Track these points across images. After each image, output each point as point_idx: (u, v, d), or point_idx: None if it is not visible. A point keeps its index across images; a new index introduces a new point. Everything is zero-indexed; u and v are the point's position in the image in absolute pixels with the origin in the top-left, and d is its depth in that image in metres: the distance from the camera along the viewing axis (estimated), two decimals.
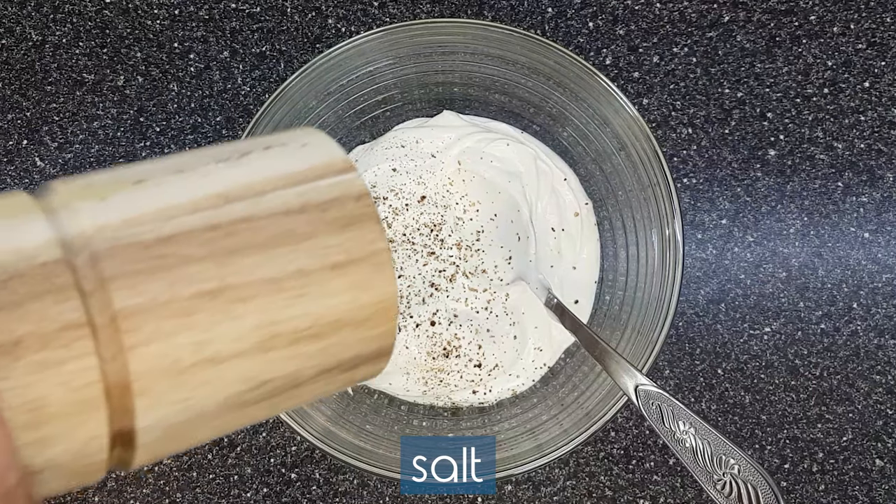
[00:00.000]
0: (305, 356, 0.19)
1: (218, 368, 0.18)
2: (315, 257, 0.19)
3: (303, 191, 0.19)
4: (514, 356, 0.44)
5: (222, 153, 0.20)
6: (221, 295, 0.18)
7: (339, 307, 0.19)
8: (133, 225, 0.17)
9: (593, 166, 0.45)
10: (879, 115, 0.49)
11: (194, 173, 0.19)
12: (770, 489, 0.30)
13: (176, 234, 0.17)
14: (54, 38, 0.51)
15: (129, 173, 0.19)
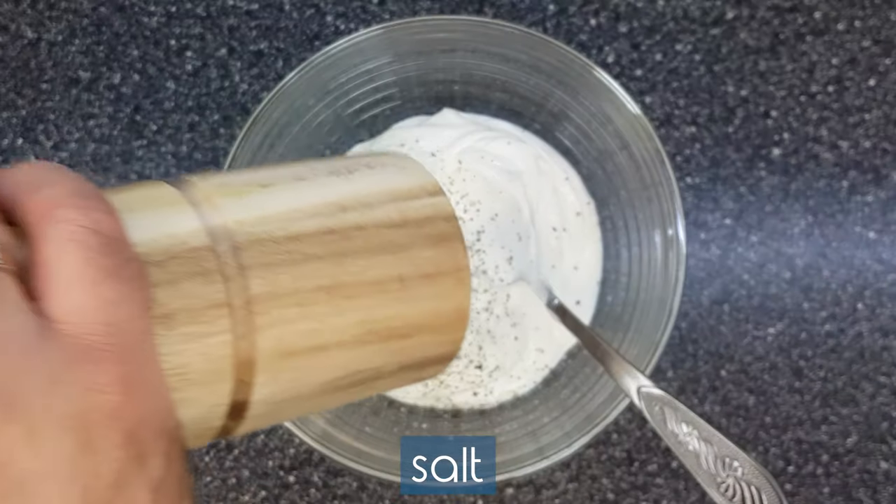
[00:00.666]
0: (391, 352, 0.22)
1: (323, 355, 0.20)
2: (412, 266, 0.22)
3: (403, 207, 0.22)
4: (516, 357, 0.44)
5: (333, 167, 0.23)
6: (335, 291, 0.20)
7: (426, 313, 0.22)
8: (266, 222, 0.19)
9: (595, 165, 0.45)
10: (885, 113, 0.48)
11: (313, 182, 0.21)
12: (774, 492, 0.29)
13: (301, 234, 0.20)
14: (49, 35, 0.51)
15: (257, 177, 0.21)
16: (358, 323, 0.20)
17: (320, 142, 0.45)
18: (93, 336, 0.16)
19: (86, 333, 0.16)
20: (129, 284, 0.16)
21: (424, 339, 0.22)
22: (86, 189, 0.17)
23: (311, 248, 0.20)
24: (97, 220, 0.17)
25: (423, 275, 0.22)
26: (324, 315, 0.20)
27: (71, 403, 0.15)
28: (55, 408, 0.15)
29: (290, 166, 0.22)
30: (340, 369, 0.21)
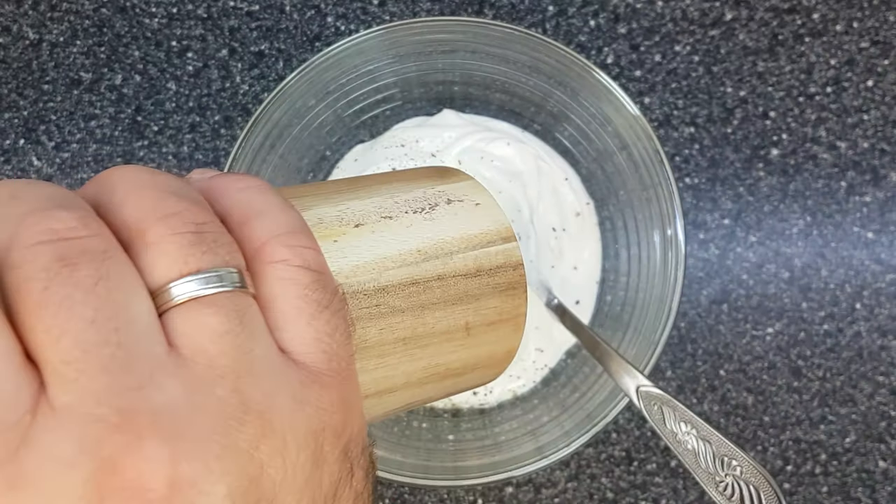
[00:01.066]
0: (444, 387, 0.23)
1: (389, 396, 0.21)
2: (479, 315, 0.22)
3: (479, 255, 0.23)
4: (515, 357, 0.44)
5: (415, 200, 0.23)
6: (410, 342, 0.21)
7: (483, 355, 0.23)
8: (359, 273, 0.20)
9: (594, 166, 0.45)
10: (883, 114, 0.49)
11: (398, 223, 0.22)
12: (772, 491, 0.29)
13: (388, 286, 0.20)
14: (51, 36, 0.51)
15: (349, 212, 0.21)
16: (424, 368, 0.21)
17: (321, 142, 0.45)
18: (317, 364, 0.17)
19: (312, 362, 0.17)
20: (338, 315, 0.18)
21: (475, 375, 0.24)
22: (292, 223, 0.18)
23: (395, 300, 0.20)
24: (306, 257, 0.18)
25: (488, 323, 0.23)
26: (398, 364, 0.20)
27: (309, 422, 0.16)
28: (299, 425, 0.16)
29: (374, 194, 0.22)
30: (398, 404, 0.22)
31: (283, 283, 0.17)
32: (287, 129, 0.42)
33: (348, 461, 0.17)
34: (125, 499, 0.14)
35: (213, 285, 0.16)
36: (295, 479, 0.16)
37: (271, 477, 0.15)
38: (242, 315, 0.16)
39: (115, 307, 0.15)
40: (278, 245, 0.18)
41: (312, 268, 0.18)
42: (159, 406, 0.14)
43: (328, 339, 0.17)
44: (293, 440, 0.16)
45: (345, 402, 0.17)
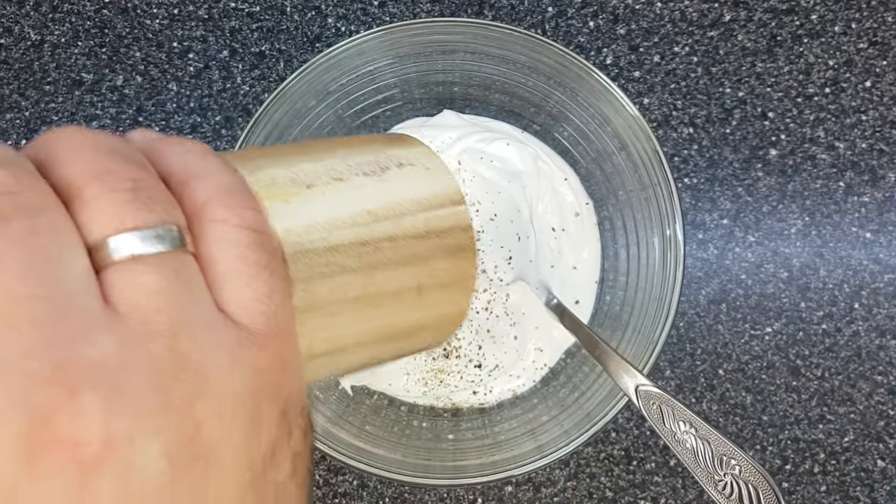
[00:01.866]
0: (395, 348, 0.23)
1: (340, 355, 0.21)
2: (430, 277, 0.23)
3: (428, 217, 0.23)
4: (515, 357, 0.44)
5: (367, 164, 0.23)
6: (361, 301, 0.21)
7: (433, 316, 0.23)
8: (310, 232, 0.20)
9: (594, 166, 0.45)
10: (881, 114, 0.49)
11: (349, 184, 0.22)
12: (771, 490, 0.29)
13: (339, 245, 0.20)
14: (53, 37, 0.51)
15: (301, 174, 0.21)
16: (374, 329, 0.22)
17: None
18: (255, 325, 0.17)
19: (250, 322, 0.17)
20: (277, 276, 0.18)
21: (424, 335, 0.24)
22: (232, 184, 0.18)
23: (346, 260, 0.20)
24: (245, 217, 0.18)
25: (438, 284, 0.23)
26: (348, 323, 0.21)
27: (246, 381, 0.16)
28: (236, 384, 0.16)
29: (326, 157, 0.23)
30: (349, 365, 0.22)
31: (222, 244, 0.17)
32: (288, 129, 0.42)
33: (286, 421, 0.17)
34: (57, 454, 0.14)
35: (151, 243, 0.16)
36: (231, 437, 0.16)
37: (207, 435, 0.15)
38: (180, 273, 0.16)
39: (47, 261, 0.14)
40: (217, 206, 0.18)
41: (252, 228, 0.18)
42: (93, 360, 0.14)
43: (266, 300, 0.17)
44: (230, 399, 0.16)
45: (283, 362, 0.18)
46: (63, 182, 0.16)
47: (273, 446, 0.17)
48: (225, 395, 0.16)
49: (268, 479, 0.17)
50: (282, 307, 0.18)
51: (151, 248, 0.16)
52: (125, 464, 0.14)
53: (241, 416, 0.16)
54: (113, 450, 0.14)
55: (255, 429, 0.16)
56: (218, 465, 0.16)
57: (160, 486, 0.15)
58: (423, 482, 0.38)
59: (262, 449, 0.17)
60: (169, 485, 0.15)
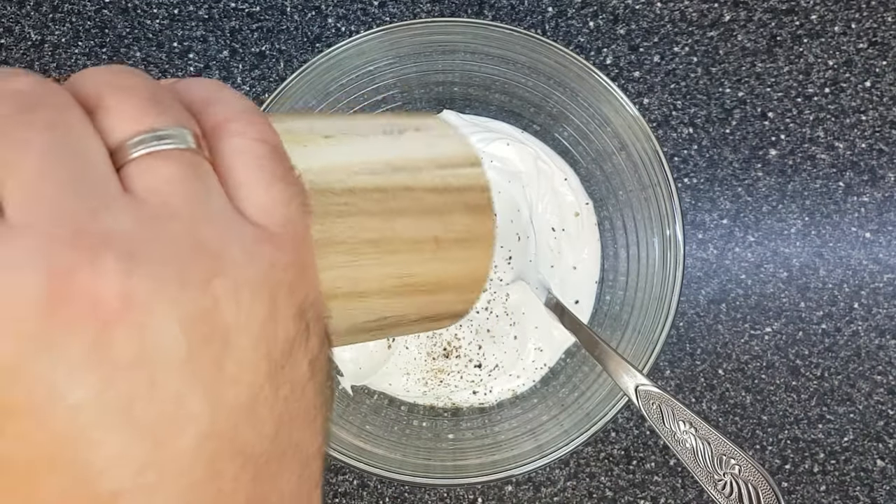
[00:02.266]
0: (417, 304, 0.24)
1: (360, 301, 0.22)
2: (448, 230, 0.23)
3: (446, 174, 0.24)
4: (515, 356, 0.44)
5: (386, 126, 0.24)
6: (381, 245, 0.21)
7: (453, 273, 0.24)
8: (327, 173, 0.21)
9: (594, 166, 0.45)
10: (881, 114, 0.49)
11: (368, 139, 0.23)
12: (771, 489, 0.29)
13: (356, 188, 0.21)
14: (53, 37, 0.51)
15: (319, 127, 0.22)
16: (395, 276, 0.22)
17: None
18: (273, 227, 0.18)
19: (267, 223, 0.17)
20: (295, 187, 0.18)
21: (447, 296, 0.24)
22: (250, 106, 0.19)
23: (364, 202, 0.21)
24: (263, 133, 0.19)
25: (457, 239, 0.24)
26: (367, 266, 0.21)
27: (263, 273, 0.17)
28: (253, 274, 0.16)
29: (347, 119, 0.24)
30: (371, 314, 0.23)
31: (241, 154, 0.18)
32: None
33: (304, 321, 0.18)
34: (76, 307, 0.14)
35: (168, 141, 0.17)
36: (249, 323, 0.16)
37: (224, 315, 0.16)
38: (197, 169, 0.17)
39: (69, 146, 0.15)
40: (236, 121, 0.18)
41: (269, 142, 0.19)
42: (113, 230, 0.15)
43: (284, 206, 0.18)
44: (247, 285, 0.16)
45: (299, 264, 0.18)
46: (87, 94, 0.17)
47: (291, 343, 0.17)
48: (242, 281, 0.16)
49: (285, 375, 0.17)
50: (299, 216, 0.18)
51: (168, 145, 0.17)
52: (143, 325, 0.15)
53: (258, 303, 0.16)
54: (131, 309, 0.14)
55: (271, 320, 0.17)
56: (235, 349, 0.16)
57: (178, 359, 0.15)
58: (423, 482, 0.38)
59: (279, 343, 0.17)
60: (186, 359, 0.15)
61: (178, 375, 0.15)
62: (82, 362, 0.14)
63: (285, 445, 0.17)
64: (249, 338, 0.16)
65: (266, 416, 0.17)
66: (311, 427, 0.18)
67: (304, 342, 0.18)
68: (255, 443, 0.16)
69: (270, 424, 0.17)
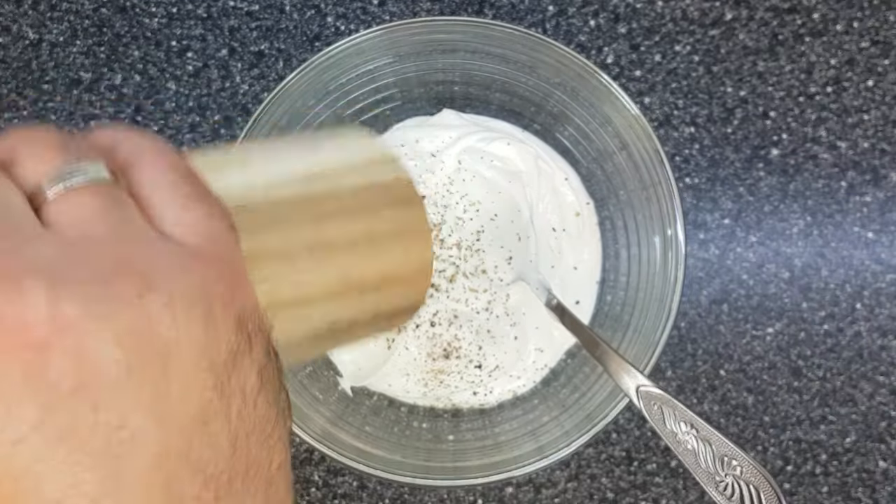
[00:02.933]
0: (366, 303, 0.24)
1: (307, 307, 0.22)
2: (379, 225, 0.24)
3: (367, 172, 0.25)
4: (515, 357, 0.44)
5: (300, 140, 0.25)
6: (315, 250, 0.22)
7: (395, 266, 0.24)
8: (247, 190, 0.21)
9: (594, 166, 0.45)
10: (883, 113, 0.49)
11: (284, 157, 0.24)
12: (772, 491, 0.29)
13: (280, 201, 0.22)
14: (51, 36, 0.51)
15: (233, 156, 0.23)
16: (337, 277, 0.23)
17: None
18: (197, 244, 0.17)
19: (193, 243, 0.17)
20: (214, 206, 0.19)
21: (394, 290, 0.25)
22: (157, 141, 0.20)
23: (291, 213, 0.22)
24: (173, 161, 0.19)
25: (391, 232, 0.24)
26: (308, 270, 0.22)
27: (195, 285, 0.16)
28: (185, 287, 0.16)
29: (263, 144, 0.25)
30: (322, 319, 0.23)
31: (154, 182, 0.18)
32: (287, 128, 0.42)
33: (244, 332, 0.17)
34: (5, 340, 0.14)
35: (82, 176, 0.17)
36: (188, 337, 0.16)
37: (161, 329, 0.15)
38: (115, 197, 0.17)
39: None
40: (146, 155, 0.19)
41: (181, 168, 0.19)
42: (34, 257, 0.15)
43: (207, 222, 0.18)
44: (180, 298, 0.16)
45: (230, 276, 0.18)
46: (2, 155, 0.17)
47: (234, 352, 0.17)
48: (175, 294, 0.16)
49: (233, 387, 0.17)
50: (222, 231, 0.18)
51: (82, 179, 0.17)
52: (77, 348, 0.14)
53: (194, 316, 0.16)
54: (62, 332, 0.14)
55: (211, 331, 0.16)
56: (177, 363, 0.15)
57: (118, 379, 0.15)
58: (423, 483, 0.38)
59: (221, 353, 0.16)
60: (127, 378, 0.15)
61: (120, 396, 0.15)
62: (19, 393, 0.14)
63: (246, 462, 0.17)
64: (190, 351, 0.16)
65: (220, 431, 0.16)
66: (269, 441, 0.18)
67: (248, 352, 0.17)
68: (212, 460, 0.16)
69: (226, 439, 0.16)
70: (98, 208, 0.16)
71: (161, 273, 0.16)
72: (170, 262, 0.16)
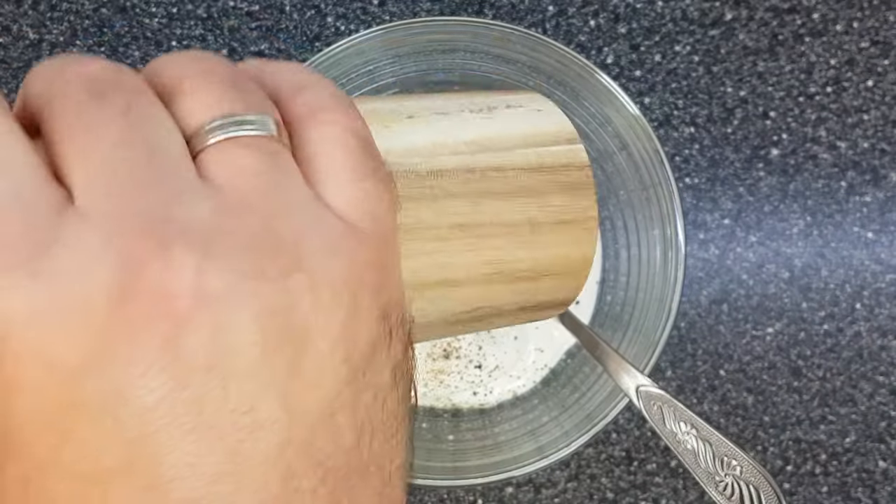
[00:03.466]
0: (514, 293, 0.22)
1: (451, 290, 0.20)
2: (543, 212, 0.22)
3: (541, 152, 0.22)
4: (515, 357, 0.44)
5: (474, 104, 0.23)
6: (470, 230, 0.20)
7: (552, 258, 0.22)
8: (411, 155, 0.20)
9: (594, 166, 0.44)
10: (883, 113, 0.49)
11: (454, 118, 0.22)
12: (772, 491, 0.29)
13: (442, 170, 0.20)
14: (51, 36, 0.51)
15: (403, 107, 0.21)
16: (488, 262, 0.21)
17: None
18: (359, 221, 0.16)
19: (353, 218, 0.16)
20: (385, 183, 0.17)
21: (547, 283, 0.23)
22: (342, 95, 0.18)
23: (450, 185, 0.20)
24: (355, 124, 0.18)
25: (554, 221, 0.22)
26: (458, 251, 0.20)
27: (344, 270, 0.16)
28: (333, 270, 0.15)
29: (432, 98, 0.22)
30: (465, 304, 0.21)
31: (330, 144, 0.17)
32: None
33: (387, 324, 0.16)
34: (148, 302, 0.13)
35: (248, 127, 0.16)
36: (328, 324, 0.15)
37: (302, 315, 0.15)
38: (276, 158, 0.16)
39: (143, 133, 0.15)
40: (328, 110, 0.17)
41: (361, 135, 0.17)
42: (187, 221, 0.14)
43: (372, 203, 0.17)
44: (326, 283, 0.15)
45: (384, 263, 0.17)
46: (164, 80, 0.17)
47: (373, 346, 0.16)
48: (321, 279, 0.15)
49: (366, 382, 0.16)
50: (388, 213, 0.17)
51: (248, 131, 0.16)
52: (216, 324, 0.14)
53: (337, 303, 0.15)
54: (204, 306, 0.14)
55: (352, 321, 0.15)
56: (313, 351, 0.15)
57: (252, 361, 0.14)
58: (423, 483, 0.38)
59: (360, 345, 0.16)
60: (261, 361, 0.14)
61: (252, 378, 0.14)
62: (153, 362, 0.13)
63: (367, 459, 0.16)
64: (328, 339, 0.15)
65: (345, 426, 0.15)
66: (393, 440, 0.17)
67: (387, 347, 0.16)
68: (334, 454, 0.15)
69: (350, 435, 0.16)
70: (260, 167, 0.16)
71: (313, 252, 0.15)
72: (323, 240, 0.16)
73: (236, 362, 0.14)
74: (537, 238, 0.22)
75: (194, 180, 0.15)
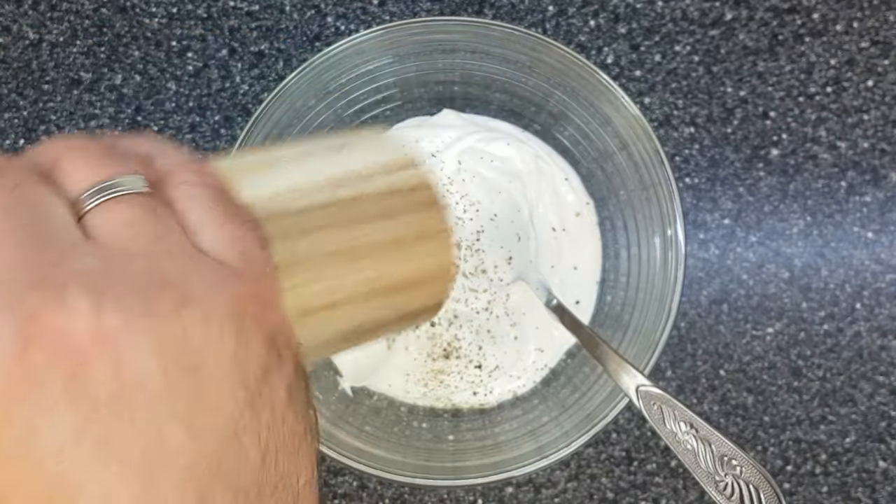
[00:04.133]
0: (392, 305, 0.25)
1: (334, 312, 0.22)
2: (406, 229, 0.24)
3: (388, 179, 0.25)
4: (515, 357, 0.44)
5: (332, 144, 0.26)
6: (341, 256, 0.22)
7: (419, 268, 0.25)
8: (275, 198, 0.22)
9: (594, 166, 0.45)
10: (883, 113, 0.49)
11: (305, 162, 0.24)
12: (772, 490, 0.29)
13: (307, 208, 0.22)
14: (51, 36, 0.51)
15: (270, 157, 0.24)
16: (362, 281, 0.23)
17: None
18: (234, 261, 0.18)
19: (228, 259, 0.18)
20: (247, 224, 0.19)
21: (419, 291, 0.25)
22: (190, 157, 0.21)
23: (317, 219, 0.22)
24: (207, 178, 0.20)
25: (414, 237, 0.25)
26: (334, 276, 0.22)
27: (228, 301, 0.17)
28: (219, 303, 0.17)
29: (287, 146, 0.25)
30: (349, 322, 0.23)
31: (189, 199, 0.19)
32: (287, 129, 0.42)
33: (274, 348, 0.18)
34: (49, 349, 0.14)
35: (122, 188, 0.18)
36: (221, 351, 0.16)
37: (196, 343, 0.16)
38: (151, 210, 0.18)
39: (29, 204, 0.16)
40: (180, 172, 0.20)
41: (214, 186, 0.20)
42: (78, 270, 0.15)
43: (241, 241, 0.19)
44: (214, 316, 0.16)
45: (262, 294, 0.18)
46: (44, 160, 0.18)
47: (264, 369, 0.17)
48: (209, 312, 0.16)
49: (264, 401, 0.17)
50: (257, 249, 0.19)
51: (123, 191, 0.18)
52: (117, 359, 0.15)
53: (227, 332, 0.17)
54: (103, 344, 0.15)
55: (242, 348, 0.17)
56: (211, 377, 0.16)
57: (155, 390, 0.15)
58: (423, 483, 0.38)
59: (252, 369, 0.17)
60: (164, 390, 0.15)
61: (157, 407, 0.15)
62: (59, 402, 0.14)
63: (275, 476, 0.17)
64: (223, 365, 0.16)
65: (250, 445, 0.17)
66: (297, 456, 0.18)
67: (278, 368, 0.18)
68: (242, 473, 0.16)
69: (256, 453, 0.17)
70: (138, 220, 0.17)
71: (197, 288, 0.17)
72: (206, 278, 0.17)
73: (140, 393, 0.15)
74: (403, 253, 0.24)
75: (80, 239, 0.16)
